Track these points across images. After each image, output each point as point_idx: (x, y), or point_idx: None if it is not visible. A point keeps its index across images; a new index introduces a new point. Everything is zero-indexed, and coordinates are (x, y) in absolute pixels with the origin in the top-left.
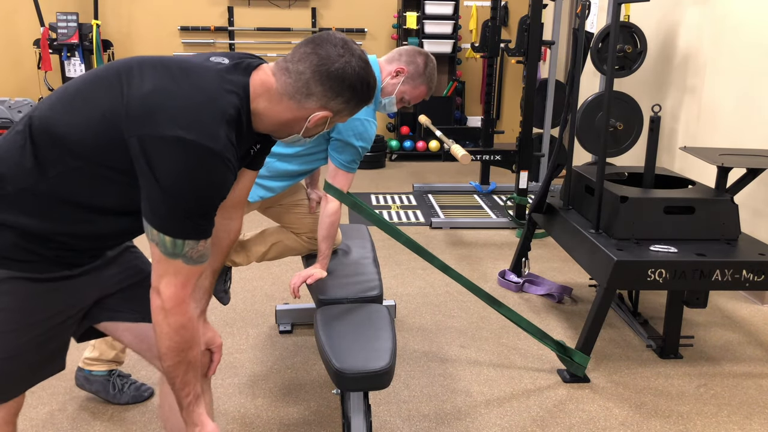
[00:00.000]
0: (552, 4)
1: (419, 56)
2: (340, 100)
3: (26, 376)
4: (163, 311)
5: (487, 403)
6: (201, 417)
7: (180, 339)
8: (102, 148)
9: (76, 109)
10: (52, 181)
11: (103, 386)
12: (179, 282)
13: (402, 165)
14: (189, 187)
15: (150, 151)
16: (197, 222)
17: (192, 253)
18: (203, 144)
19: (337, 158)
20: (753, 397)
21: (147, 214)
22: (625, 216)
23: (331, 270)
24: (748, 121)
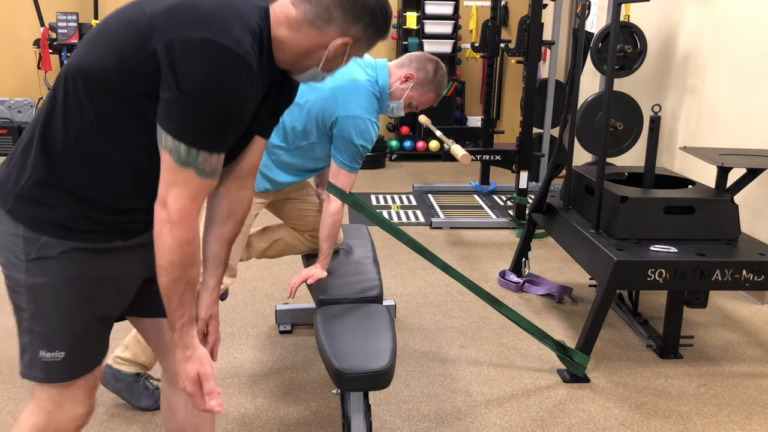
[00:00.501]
0: (552, 4)
1: (430, 63)
2: (360, 26)
3: (103, 343)
4: (169, 223)
5: (487, 403)
6: (193, 340)
7: (183, 254)
8: (133, 71)
9: (101, 42)
10: (92, 125)
11: (129, 386)
12: (189, 194)
13: (402, 165)
14: (210, 92)
15: (174, 53)
16: (213, 133)
17: (205, 165)
18: (228, 46)
19: (339, 157)
20: (753, 397)
21: (163, 120)
22: (625, 216)
23: (331, 270)
24: (748, 121)
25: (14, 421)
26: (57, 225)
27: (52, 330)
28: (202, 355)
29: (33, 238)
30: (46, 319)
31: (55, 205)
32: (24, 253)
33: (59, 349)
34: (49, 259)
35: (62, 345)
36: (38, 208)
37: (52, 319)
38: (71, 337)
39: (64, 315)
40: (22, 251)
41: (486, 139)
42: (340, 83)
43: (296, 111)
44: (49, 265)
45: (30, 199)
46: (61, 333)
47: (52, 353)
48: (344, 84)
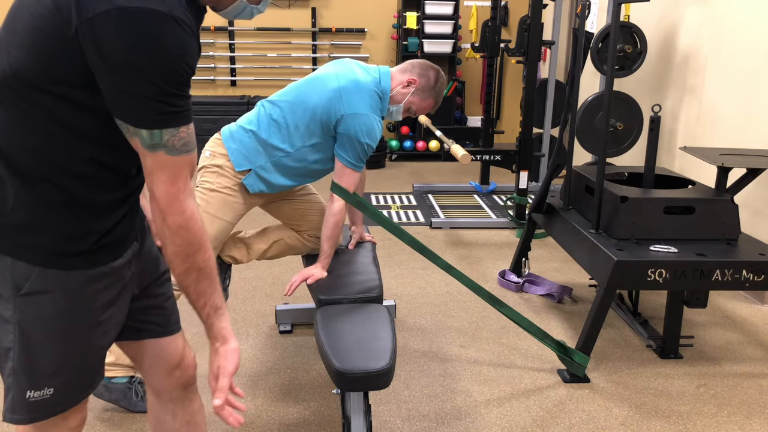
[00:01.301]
0: (552, 4)
1: (431, 70)
2: None
3: (98, 371)
4: (161, 213)
5: (487, 403)
6: (223, 331)
7: (182, 241)
8: (60, 66)
9: (12, 41)
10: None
11: (124, 394)
12: (167, 177)
13: (402, 165)
14: (146, 61)
15: (95, 33)
16: (169, 103)
17: (174, 141)
18: (150, 8)
19: (344, 156)
20: (753, 397)
21: (115, 110)
22: (625, 216)
23: (331, 270)
24: (748, 121)
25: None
26: (49, 253)
27: (41, 367)
28: (228, 350)
29: (24, 269)
30: (35, 356)
31: (44, 228)
32: (13, 287)
33: (48, 386)
34: (41, 293)
35: (52, 382)
36: (27, 235)
37: (41, 356)
38: (63, 372)
39: (56, 350)
40: (11, 285)
41: (486, 139)
42: (344, 84)
43: (299, 111)
44: (41, 299)
45: (17, 227)
46: (52, 369)
47: (41, 391)
48: (348, 84)
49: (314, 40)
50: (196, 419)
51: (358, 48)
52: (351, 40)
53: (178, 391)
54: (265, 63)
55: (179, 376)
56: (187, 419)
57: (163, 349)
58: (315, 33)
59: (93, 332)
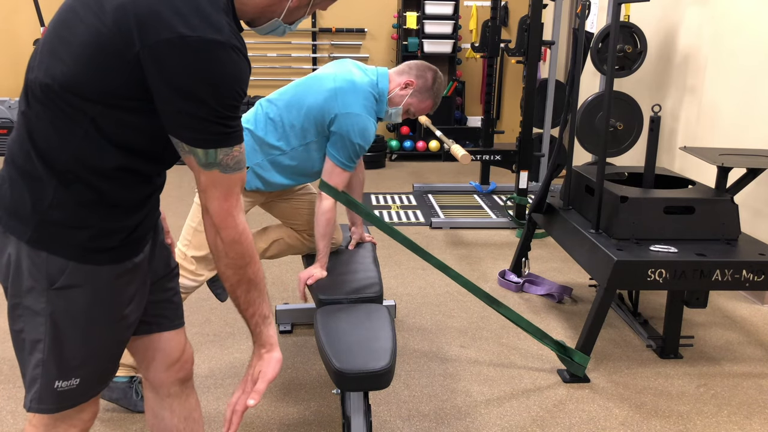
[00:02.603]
0: (552, 4)
1: (429, 71)
2: None
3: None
4: (214, 227)
5: (487, 403)
6: (270, 339)
7: (235, 254)
8: (115, 81)
9: (66, 52)
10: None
11: (125, 393)
12: (221, 194)
13: (402, 165)
14: (206, 87)
15: (158, 59)
16: (224, 125)
17: (227, 160)
18: (211, 38)
19: (335, 155)
20: (753, 397)
21: (171, 129)
22: (625, 216)
23: (331, 270)
24: (748, 121)
25: (14, 420)
26: (83, 248)
27: (70, 358)
28: (273, 357)
29: (59, 264)
30: (65, 348)
31: (79, 225)
32: (47, 281)
33: (75, 377)
34: (73, 287)
35: (79, 372)
36: (65, 231)
37: (70, 347)
38: (90, 362)
39: (84, 342)
40: (45, 279)
41: (486, 139)
42: (340, 84)
43: (295, 110)
44: (72, 292)
45: (56, 222)
46: (79, 360)
47: (68, 381)
48: (344, 85)
49: (314, 40)
50: (193, 415)
51: (358, 48)
52: (351, 40)
53: (176, 386)
54: (265, 63)
55: (178, 370)
56: (185, 415)
57: (166, 343)
58: (315, 33)
59: (118, 325)
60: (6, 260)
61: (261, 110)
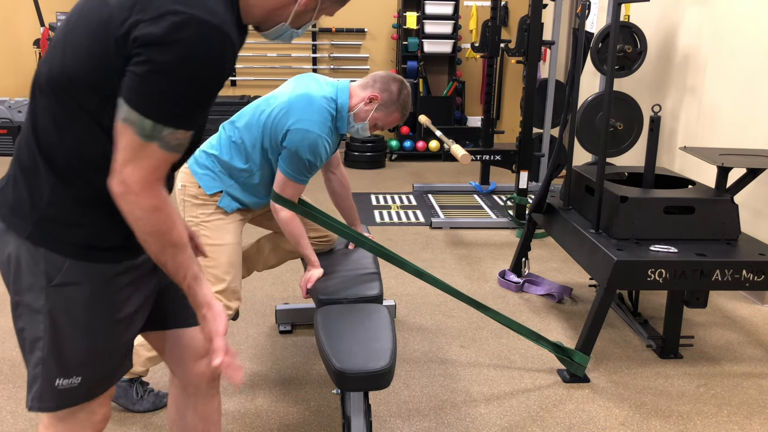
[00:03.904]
0: (552, 4)
1: (393, 83)
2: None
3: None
4: (132, 195)
5: (487, 403)
6: (206, 297)
7: (157, 221)
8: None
9: (73, 46)
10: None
11: (125, 392)
12: (150, 165)
13: (402, 165)
14: (185, 63)
15: (145, 31)
16: (186, 108)
17: (171, 139)
18: (201, 17)
19: (286, 168)
20: (753, 397)
21: (128, 94)
22: (625, 216)
23: (332, 270)
24: (748, 121)
25: (14, 420)
26: (81, 246)
27: (70, 356)
28: (215, 313)
29: (57, 261)
30: (64, 346)
31: (77, 223)
32: (45, 278)
33: (76, 375)
34: (71, 284)
35: (80, 370)
36: (62, 228)
37: (70, 345)
38: (90, 361)
39: (83, 341)
40: (44, 276)
41: (486, 139)
42: (293, 98)
43: (254, 129)
44: (71, 290)
45: (53, 219)
46: (79, 359)
47: (69, 379)
48: (297, 99)
49: (314, 40)
50: (213, 417)
51: (358, 48)
52: (351, 40)
53: (204, 384)
54: (264, 63)
55: (207, 366)
56: (206, 415)
57: (191, 339)
58: (315, 33)
59: (118, 324)
60: (7, 257)
61: (224, 134)
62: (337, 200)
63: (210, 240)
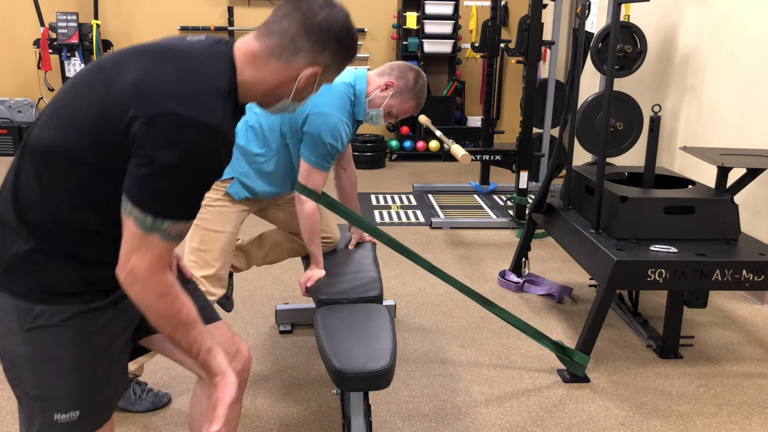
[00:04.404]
0: (552, 4)
1: (410, 72)
2: (328, 53)
3: (119, 388)
4: (140, 284)
5: (487, 403)
6: (220, 367)
7: (165, 305)
8: (105, 148)
9: (69, 119)
10: (67, 195)
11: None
12: (154, 255)
13: (402, 165)
14: (184, 166)
15: (145, 130)
16: (185, 203)
17: (171, 230)
18: (200, 119)
19: (309, 156)
20: (753, 397)
21: (130, 191)
22: (625, 216)
23: (331, 270)
24: (748, 121)
25: (14, 420)
26: (50, 292)
27: (62, 394)
28: (227, 382)
29: (26, 308)
30: (54, 385)
31: (46, 271)
32: (18, 324)
33: (74, 409)
34: (45, 327)
35: (76, 404)
36: (29, 276)
37: (59, 384)
38: (83, 395)
39: (71, 378)
40: (16, 322)
41: (486, 139)
42: None
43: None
44: (46, 333)
45: (19, 269)
46: (73, 394)
47: (67, 414)
48: None
49: None
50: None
51: (358, 48)
52: None
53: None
54: None
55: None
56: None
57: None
58: None
59: (104, 356)
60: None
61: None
62: (344, 198)
63: (209, 224)
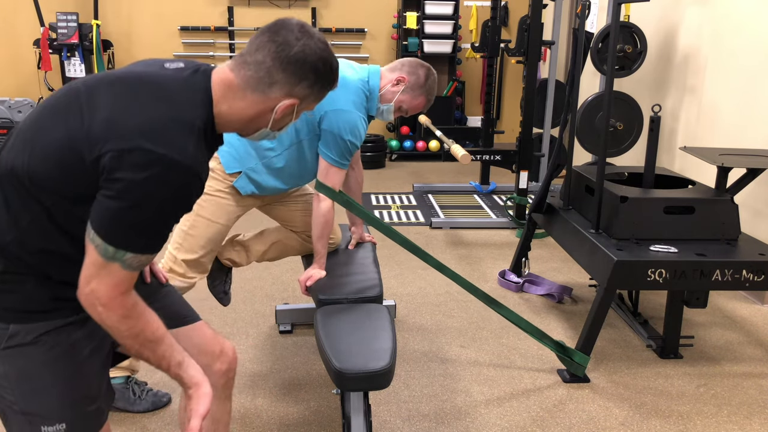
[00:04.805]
0: (552, 4)
1: (421, 68)
2: (305, 85)
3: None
4: (102, 306)
5: (487, 403)
6: (193, 378)
7: (128, 326)
8: (73, 179)
9: (38, 144)
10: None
11: (122, 394)
12: (113, 282)
13: (402, 165)
14: (151, 202)
15: (114, 164)
16: (150, 237)
17: (132, 261)
18: (170, 157)
19: (328, 154)
20: (753, 397)
21: (95, 219)
22: (625, 216)
23: (331, 270)
24: (748, 121)
25: None
26: (22, 311)
27: (46, 408)
28: (201, 394)
29: (0, 328)
30: (37, 400)
31: (17, 290)
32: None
33: (59, 422)
34: (21, 346)
35: (62, 417)
36: (2, 296)
37: (42, 399)
38: (67, 408)
39: (53, 393)
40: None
41: (486, 139)
42: None
43: None
44: (22, 351)
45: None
46: (57, 408)
47: (53, 426)
48: None
49: None
50: (223, 419)
51: (358, 48)
52: (351, 40)
53: (222, 381)
54: None
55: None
56: (217, 417)
57: (190, 339)
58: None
59: (81, 371)
60: None
61: None
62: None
63: (203, 212)
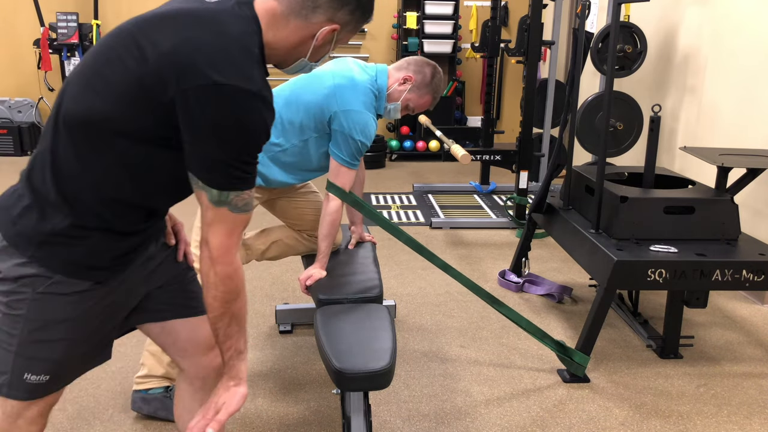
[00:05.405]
0: (552, 4)
1: (427, 67)
2: (347, 10)
3: (78, 369)
4: (211, 260)
5: (487, 403)
6: (240, 373)
7: (225, 289)
8: (151, 120)
9: (103, 89)
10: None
11: (163, 404)
12: (226, 230)
13: (402, 165)
14: (232, 134)
15: (192, 103)
16: (242, 171)
17: (237, 201)
18: (242, 87)
19: (339, 154)
20: (753, 397)
21: (192, 167)
22: (625, 216)
23: (331, 270)
24: (748, 121)
25: None
26: (77, 263)
27: (40, 359)
28: (238, 391)
29: (46, 274)
30: (38, 349)
31: (82, 244)
32: (31, 288)
33: (45, 374)
34: (56, 295)
35: (49, 371)
36: (60, 247)
37: (43, 351)
38: (59, 365)
39: (55, 348)
40: (30, 287)
41: (486, 139)
42: (339, 81)
43: (293, 108)
44: (55, 300)
45: (53, 240)
46: (50, 362)
47: (38, 377)
48: (343, 82)
49: None
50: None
51: (358, 48)
52: (351, 40)
53: (212, 377)
54: None
55: (215, 357)
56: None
57: (195, 330)
58: None
59: (90, 336)
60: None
61: None
62: None
63: None
